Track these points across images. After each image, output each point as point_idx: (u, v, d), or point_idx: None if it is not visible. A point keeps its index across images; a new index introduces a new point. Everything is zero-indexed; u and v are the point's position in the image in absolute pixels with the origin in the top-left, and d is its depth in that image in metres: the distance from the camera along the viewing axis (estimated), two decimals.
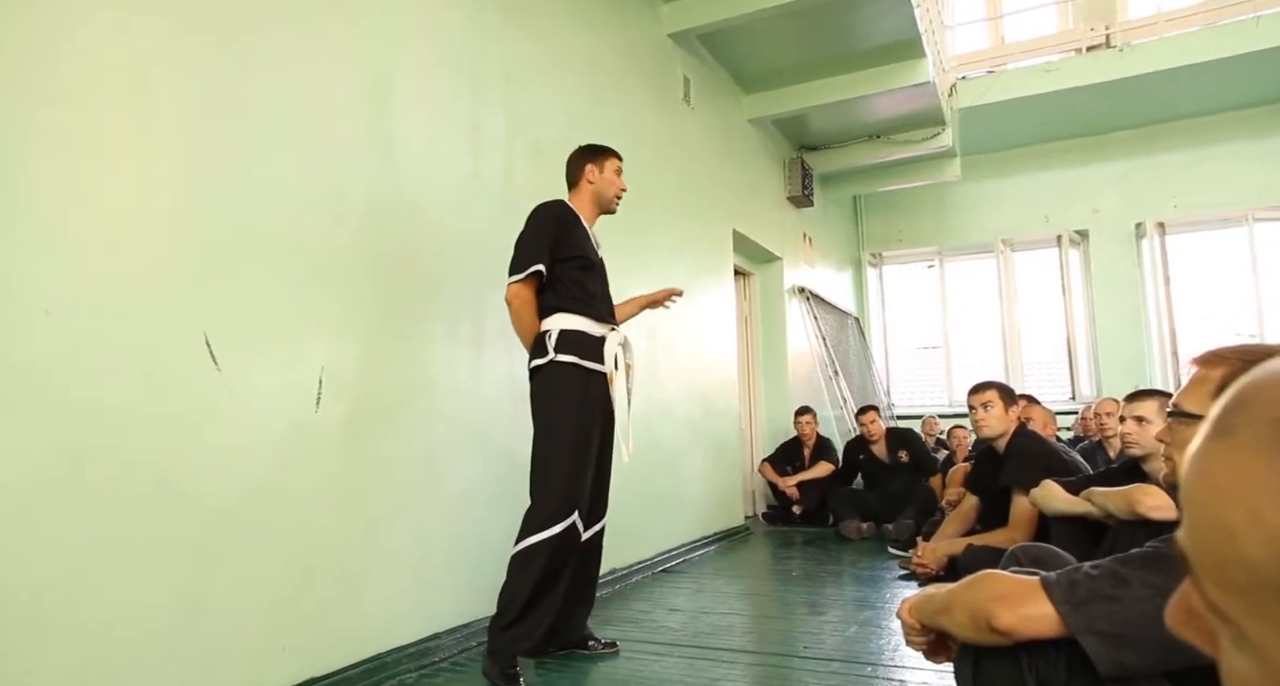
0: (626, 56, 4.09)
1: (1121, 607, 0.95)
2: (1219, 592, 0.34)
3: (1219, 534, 0.33)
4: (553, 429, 2.27)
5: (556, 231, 2.35)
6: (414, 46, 2.63)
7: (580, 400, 2.29)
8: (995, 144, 7.55)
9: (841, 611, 2.98)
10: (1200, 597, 0.36)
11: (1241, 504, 0.33)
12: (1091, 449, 4.06)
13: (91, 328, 1.64)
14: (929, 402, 8.16)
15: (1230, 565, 0.33)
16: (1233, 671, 0.35)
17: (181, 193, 1.85)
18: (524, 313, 2.33)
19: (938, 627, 1.17)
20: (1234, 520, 0.33)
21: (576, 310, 2.34)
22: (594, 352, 2.34)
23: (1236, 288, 7.02)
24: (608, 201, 2.53)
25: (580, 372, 2.30)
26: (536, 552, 2.18)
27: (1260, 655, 0.33)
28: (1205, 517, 0.35)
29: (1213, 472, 0.35)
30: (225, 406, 1.89)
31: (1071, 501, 2.45)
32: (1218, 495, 0.34)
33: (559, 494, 2.22)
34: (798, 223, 6.70)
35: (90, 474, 1.60)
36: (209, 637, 1.80)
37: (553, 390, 2.29)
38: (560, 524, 2.20)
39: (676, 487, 4.23)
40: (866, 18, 4.72)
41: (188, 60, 1.88)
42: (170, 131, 1.84)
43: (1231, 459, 0.34)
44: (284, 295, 2.08)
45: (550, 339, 2.30)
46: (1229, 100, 6.74)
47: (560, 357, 2.28)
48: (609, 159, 2.54)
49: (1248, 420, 0.34)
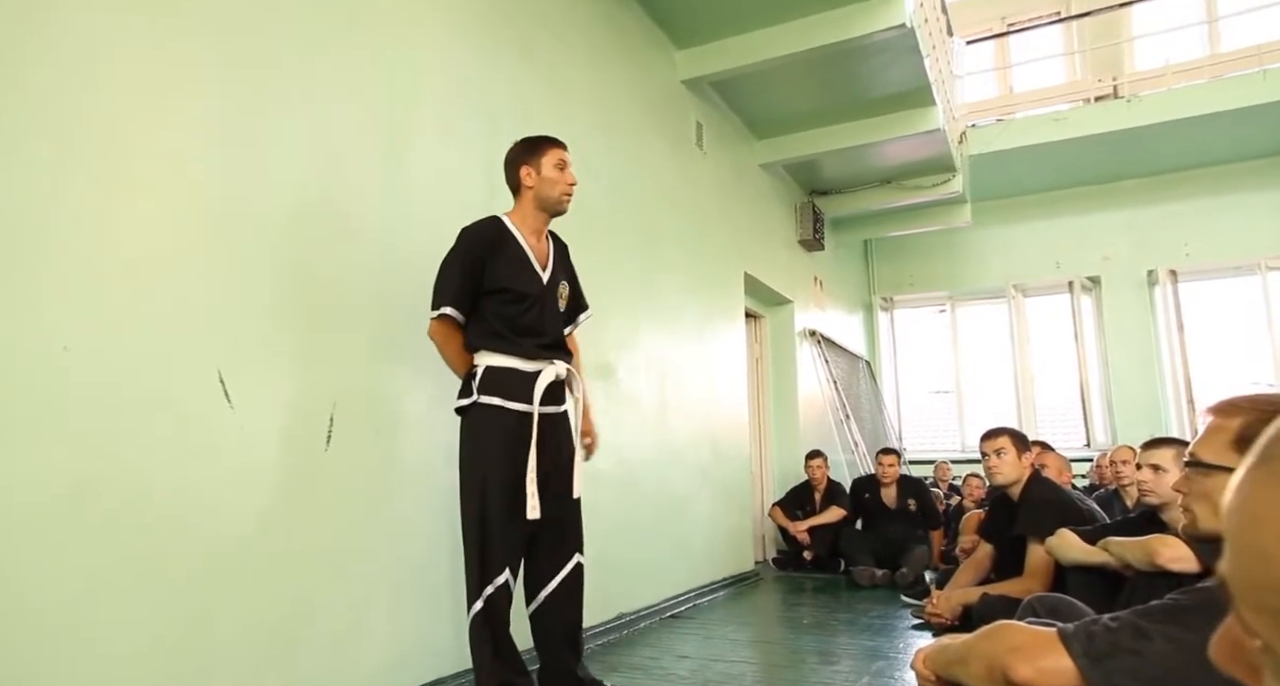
0: (641, 101, 4.18)
1: (1143, 662, 0.93)
2: (1254, 616, 0.35)
3: (1256, 558, 0.34)
4: (472, 481, 2.07)
5: (475, 260, 2.10)
6: (432, 84, 2.70)
7: (505, 447, 2.06)
8: (1005, 190, 7.61)
9: (854, 661, 2.91)
10: (1240, 626, 0.36)
11: (1276, 528, 0.33)
12: (1108, 497, 4.00)
13: (109, 364, 1.66)
14: (941, 447, 8.07)
15: (1264, 589, 0.34)
16: None
17: (201, 230, 1.89)
18: (447, 349, 2.13)
19: (953, 679, 1.14)
20: (1270, 544, 0.34)
21: (500, 348, 2.11)
22: (522, 392, 2.10)
23: (1251, 336, 6.97)
24: (553, 204, 2.21)
25: (507, 415, 2.08)
26: (479, 622, 2.02)
27: None
28: (1244, 543, 0.35)
29: (1253, 499, 0.35)
30: (236, 443, 1.89)
31: (1088, 551, 2.41)
32: (1256, 521, 0.35)
33: (487, 551, 2.03)
34: (809, 266, 6.74)
35: (99, 506, 1.60)
36: (211, 673, 1.78)
37: (473, 437, 2.09)
38: (490, 585, 2.01)
39: (686, 531, 4.18)
40: (877, 67, 4.82)
41: (208, 96, 1.94)
42: (192, 167, 1.88)
43: (1271, 486, 0.35)
44: (298, 332, 2.10)
45: (475, 378, 2.09)
46: (1238, 151, 6.79)
47: (484, 400, 2.07)
48: (545, 152, 2.20)
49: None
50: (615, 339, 3.67)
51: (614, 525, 3.48)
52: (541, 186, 2.19)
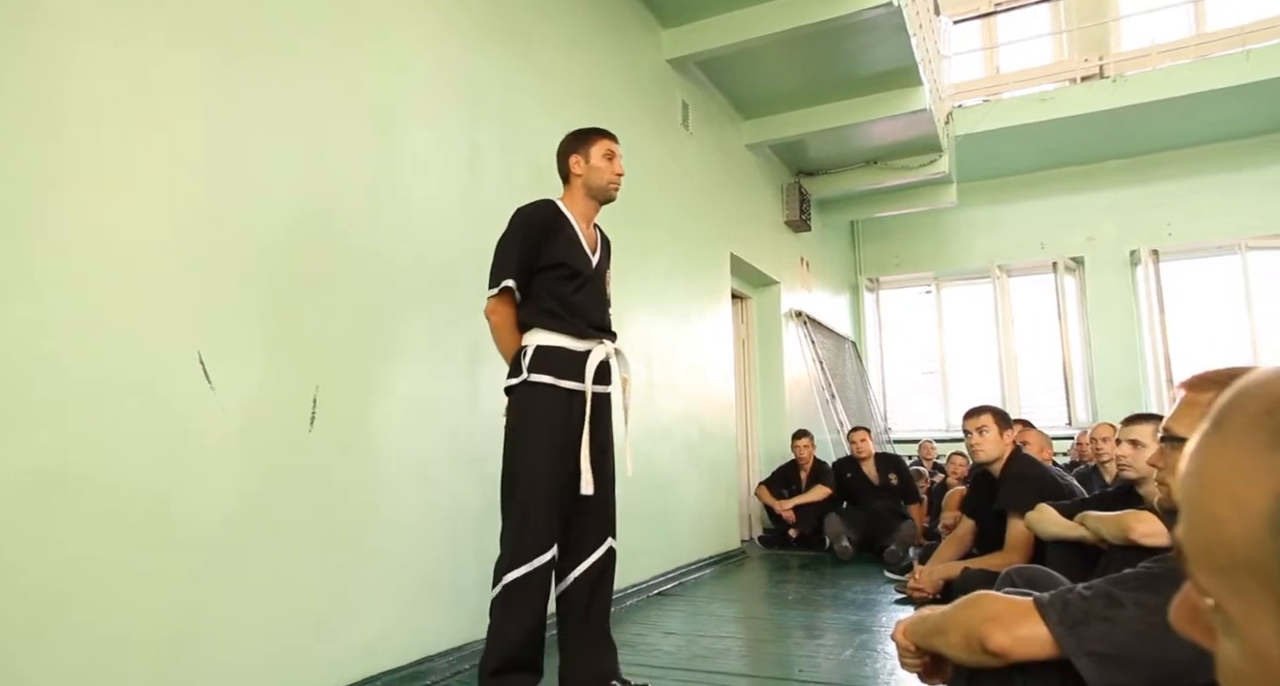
0: (626, 81, 4.15)
1: (1115, 628, 0.95)
2: (1206, 577, 0.36)
3: (1207, 520, 0.36)
4: (518, 457, 2.08)
5: (532, 238, 2.15)
6: (416, 68, 2.67)
7: (554, 425, 2.09)
8: (991, 171, 7.63)
9: (837, 635, 2.96)
10: (1195, 588, 0.37)
11: (1226, 491, 0.35)
12: (1088, 473, 4.06)
13: (87, 348, 1.65)
14: (926, 427, 8.15)
15: (1215, 549, 0.35)
16: (1222, 657, 0.37)
17: (181, 212, 1.87)
18: (501, 329, 2.17)
19: (932, 649, 1.16)
20: (1219, 507, 0.35)
21: (552, 326, 2.13)
22: (574, 370, 2.13)
23: (1230, 315, 7.06)
24: (601, 191, 2.27)
25: (557, 394, 2.10)
26: (509, 595, 2.00)
27: (1240, 635, 0.35)
28: (1196, 507, 0.37)
29: (1204, 464, 0.37)
30: (218, 425, 1.89)
31: (1066, 525, 2.45)
32: (1207, 484, 0.36)
33: (528, 528, 2.03)
34: (795, 247, 6.75)
35: (79, 489, 1.60)
36: (198, 659, 1.79)
37: (524, 413, 2.10)
38: (533, 562, 2.01)
39: (672, 510, 4.22)
40: (864, 46, 4.80)
41: (191, 81, 1.91)
42: (173, 151, 1.86)
43: (1220, 450, 0.36)
44: (281, 315, 2.09)
45: (525, 356, 2.11)
46: (1221, 131, 6.83)
47: (534, 377, 2.09)
48: (595, 143, 2.27)
49: (1237, 415, 0.36)
50: None
51: None
52: (589, 175, 2.25)
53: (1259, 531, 0.33)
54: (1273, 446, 0.34)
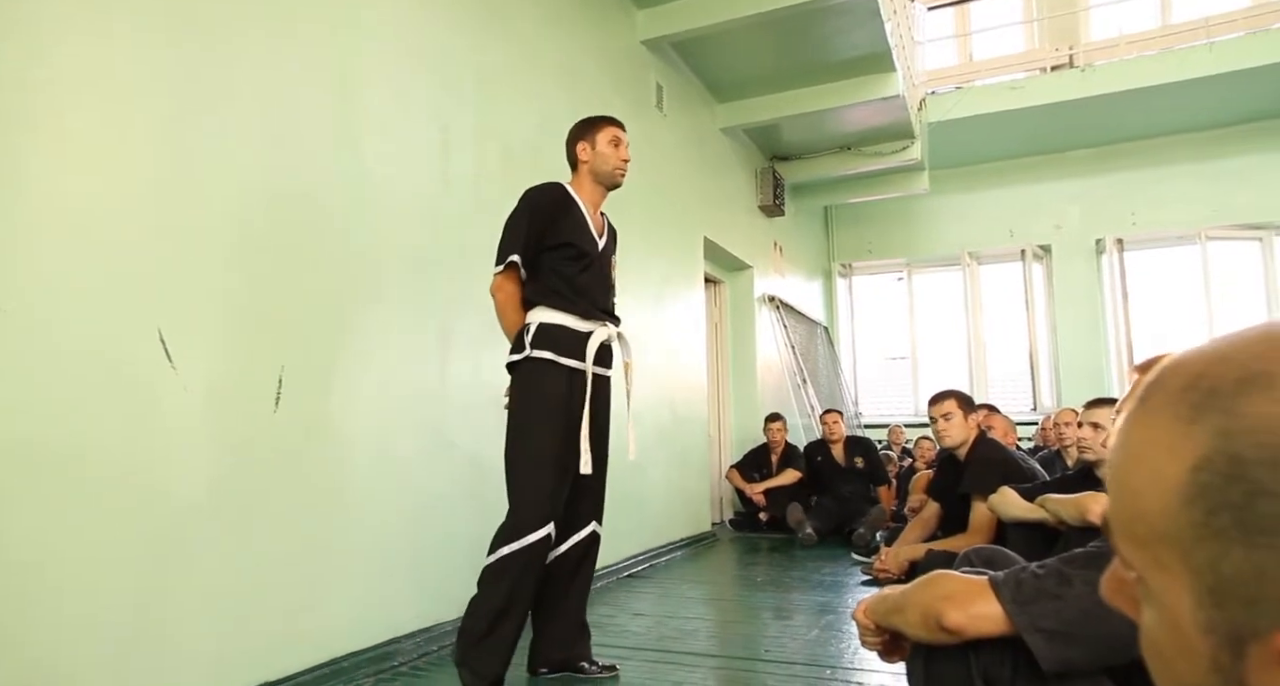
0: (600, 62, 4.11)
1: (1064, 605, 0.97)
2: (1129, 549, 0.37)
3: (1129, 494, 0.36)
4: (520, 431, 2.12)
5: (542, 216, 2.19)
6: (384, 44, 2.62)
7: (555, 401, 2.12)
8: (962, 158, 7.69)
9: (805, 616, 3.00)
10: (1120, 560, 0.38)
11: (1144, 463, 0.36)
12: (1050, 458, 4.14)
13: (45, 325, 1.61)
14: (896, 412, 8.26)
15: (1136, 521, 0.36)
16: (1144, 627, 0.38)
17: (142, 188, 1.82)
18: (506, 306, 2.19)
19: (891, 628, 1.18)
20: (1139, 479, 0.36)
21: (556, 304, 2.17)
22: (575, 349, 2.16)
23: (1190, 303, 7.22)
24: (608, 177, 2.31)
25: (558, 371, 2.13)
26: (504, 566, 2.03)
27: (1159, 604, 0.36)
28: (1120, 480, 0.37)
29: (1127, 438, 0.38)
30: (179, 404, 1.86)
31: (1027, 508, 2.50)
32: (1130, 459, 0.37)
33: (527, 503, 2.07)
34: (769, 232, 6.76)
35: (38, 468, 1.57)
36: (162, 639, 1.77)
37: (526, 389, 2.13)
38: (529, 536, 2.04)
39: (643, 493, 4.23)
40: (838, 30, 4.80)
41: (152, 52, 1.86)
42: (132, 125, 1.81)
43: (1142, 425, 0.37)
44: (244, 294, 2.05)
45: (528, 333, 2.14)
46: (1185, 122, 6.95)
47: (536, 354, 2.12)
48: (601, 130, 2.31)
49: (1159, 391, 0.37)
50: None
51: None
52: (596, 161, 2.29)
53: (1174, 503, 0.34)
54: (1190, 420, 0.34)
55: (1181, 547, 0.34)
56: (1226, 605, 0.33)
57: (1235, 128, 6.98)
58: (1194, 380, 0.35)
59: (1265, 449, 0.32)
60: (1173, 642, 0.36)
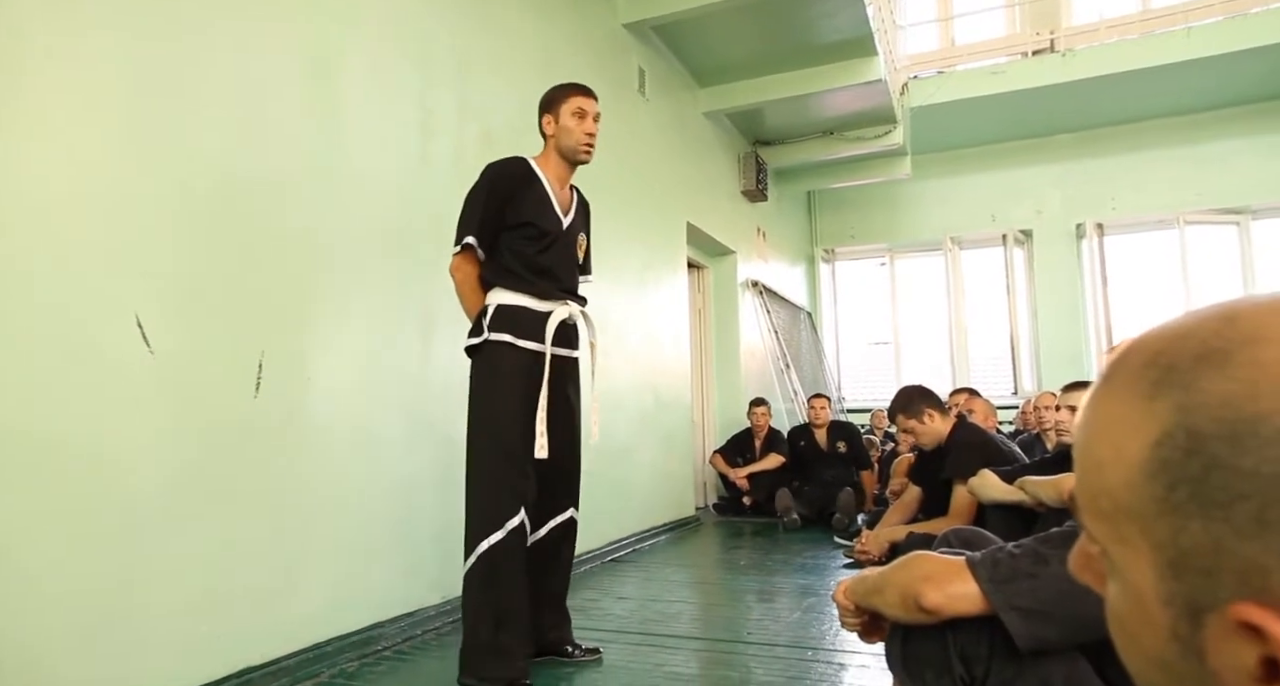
0: (581, 45, 4.07)
1: (1040, 584, 0.98)
2: (1093, 523, 0.38)
3: (1093, 468, 0.37)
4: (482, 418, 2.06)
5: (498, 194, 2.11)
6: (362, 25, 2.58)
7: (516, 385, 2.05)
8: (944, 143, 7.71)
9: (787, 599, 3.03)
10: (1086, 535, 0.39)
11: (1107, 439, 0.37)
12: (1031, 441, 4.18)
13: (17, 310, 1.58)
14: (878, 397, 8.31)
15: (1100, 495, 0.37)
16: (1109, 600, 0.39)
17: (112, 167, 1.79)
18: (464, 286, 2.14)
19: (870, 608, 1.19)
20: (1101, 455, 0.37)
21: (514, 286, 2.10)
22: (535, 331, 2.10)
23: (1168, 288, 7.30)
24: (572, 152, 2.21)
25: (518, 354, 2.07)
26: (487, 564, 1.97)
27: (1122, 578, 0.37)
28: (1084, 455, 0.38)
29: (1091, 414, 0.38)
30: (156, 390, 1.83)
31: (1006, 490, 2.53)
32: (1094, 434, 0.38)
33: (496, 494, 2.01)
34: (752, 217, 6.76)
35: (10, 453, 1.54)
36: (139, 623, 1.75)
37: (486, 374, 2.07)
38: (503, 528, 1.98)
39: (627, 478, 4.24)
40: (820, 13, 4.78)
41: (122, 28, 1.82)
42: (100, 102, 1.77)
43: (1105, 401, 0.38)
44: (223, 277, 2.02)
45: (486, 315, 2.08)
46: (1164, 107, 6.99)
47: (494, 337, 2.06)
48: (566, 100, 2.20)
49: (1122, 368, 0.38)
50: None
51: None
52: (560, 135, 2.20)
53: (1136, 477, 0.35)
54: (1151, 396, 0.35)
55: (1143, 522, 0.35)
56: (1185, 577, 0.33)
57: (1213, 113, 7.03)
58: (1154, 357, 0.36)
59: (1222, 424, 0.33)
60: (1135, 614, 0.36)
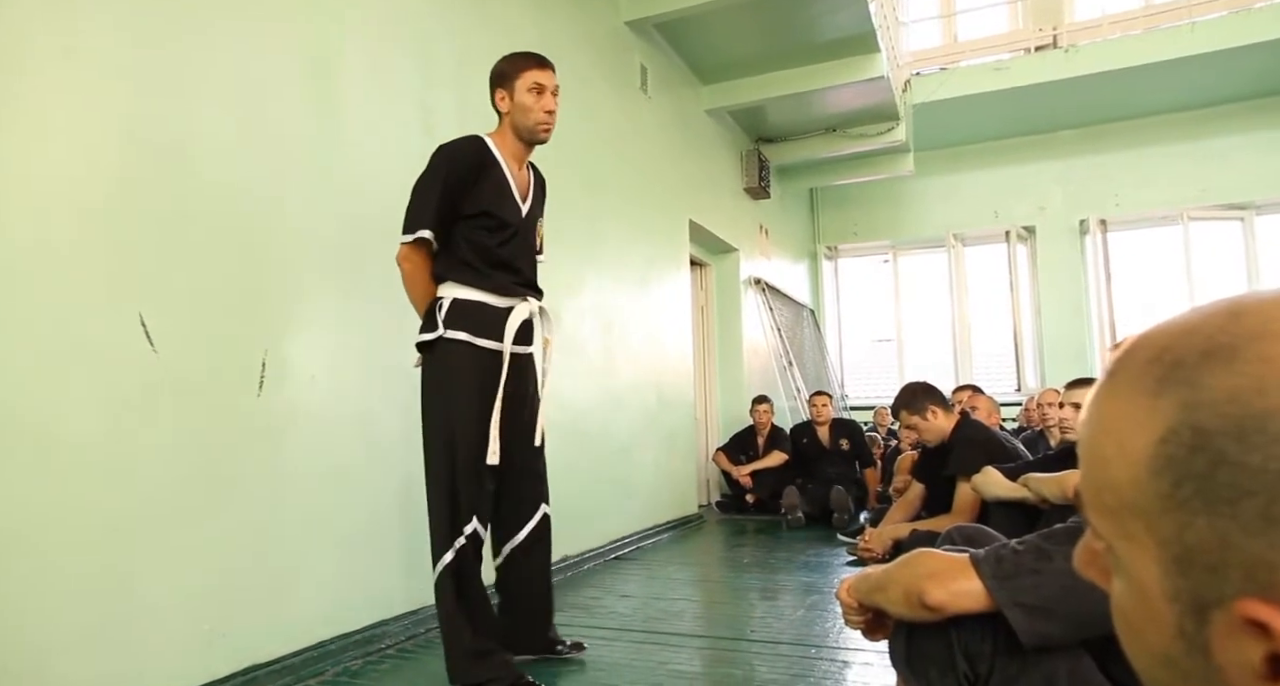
0: (583, 43, 4.07)
1: (1044, 580, 0.98)
2: (1098, 519, 0.38)
3: (1098, 463, 0.37)
4: (437, 421, 1.94)
5: (454, 181, 1.93)
6: (363, 23, 2.58)
7: (473, 386, 1.93)
8: (947, 140, 7.69)
9: (791, 596, 3.03)
10: (1091, 531, 0.39)
11: (1111, 436, 0.37)
12: (1034, 438, 4.18)
13: (18, 308, 1.58)
14: (881, 394, 8.30)
15: (1105, 491, 0.37)
16: (1115, 597, 0.39)
17: (115, 167, 1.79)
18: (415, 278, 1.97)
19: (874, 606, 1.19)
20: (1106, 451, 0.37)
21: (471, 281, 1.96)
22: (494, 329, 1.97)
23: (1172, 284, 7.28)
24: (529, 131, 2.02)
25: (476, 353, 1.94)
26: (453, 573, 1.91)
27: (1128, 574, 0.37)
28: (1090, 451, 0.38)
29: (1096, 410, 0.38)
30: (160, 388, 1.83)
31: (1010, 487, 2.53)
32: (1100, 429, 0.38)
33: (452, 502, 1.91)
34: (754, 214, 6.75)
35: (10, 453, 1.55)
36: (143, 621, 1.76)
37: (438, 375, 1.95)
38: (460, 535, 1.91)
39: (630, 476, 4.25)
40: (823, 11, 4.77)
41: (123, 26, 1.82)
42: (101, 102, 1.77)
43: (1110, 397, 0.38)
44: (225, 274, 2.02)
45: (440, 310, 1.94)
46: (1167, 103, 6.97)
47: (450, 334, 1.92)
48: (520, 74, 2.01)
49: (1128, 364, 0.38)
50: (559, 285, 3.64)
51: (558, 469, 3.49)
52: (516, 113, 2.02)
53: (1141, 473, 0.35)
54: (1156, 393, 0.35)
55: (1148, 518, 0.35)
56: (1191, 573, 0.33)
57: (1217, 108, 7.01)
58: (1159, 353, 0.36)
59: (1228, 419, 0.32)
60: (1140, 611, 0.36)
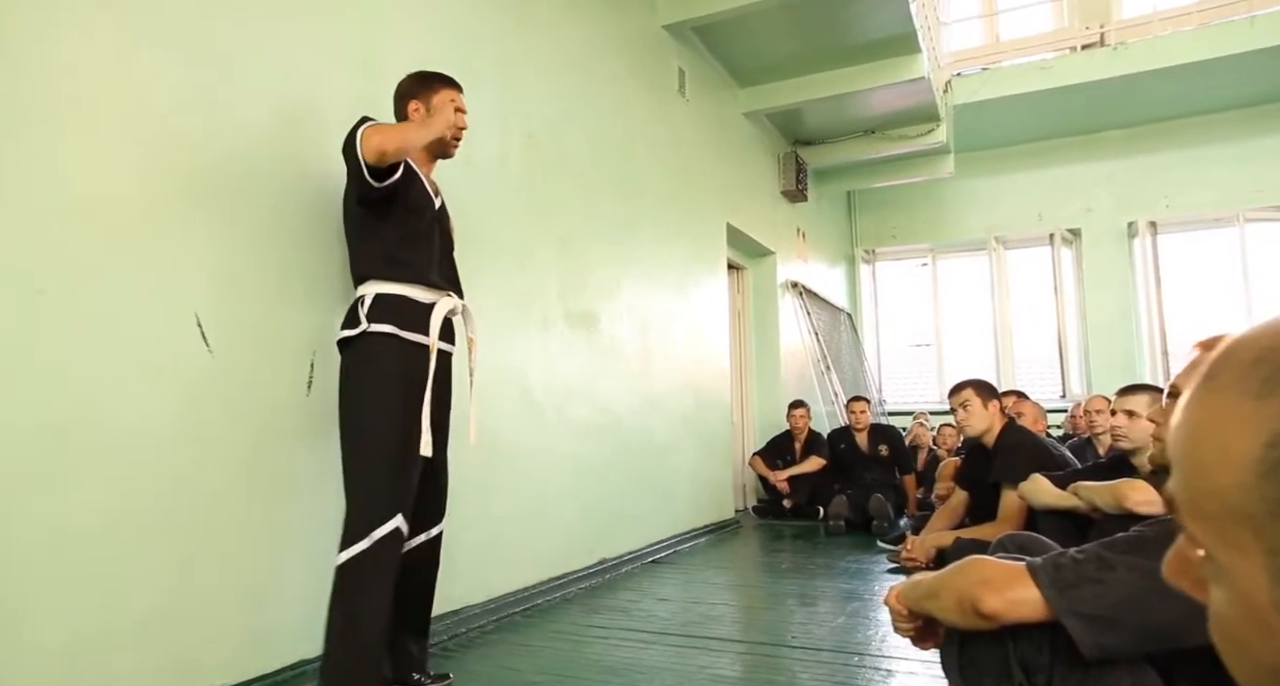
0: (621, 47, 4.08)
1: (1105, 590, 0.95)
2: (1196, 526, 0.36)
3: (1197, 469, 0.36)
4: (360, 416, 1.88)
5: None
6: (407, 29, 2.61)
7: (397, 381, 1.89)
8: (989, 141, 7.56)
9: (830, 603, 2.99)
10: (1186, 539, 0.38)
11: (1214, 439, 0.35)
12: (1081, 446, 4.08)
13: (83, 308, 1.63)
14: (920, 399, 8.18)
15: (1205, 497, 0.35)
16: (1213, 607, 0.37)
17: (174, 169, 1.83)
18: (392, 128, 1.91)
19: (925, 613, 1.17)
20: (1207, 455, 0.35)
21: (394, 275, 1.93)
22: (419, 323, 1.94)
23: (1227, 288, 7.06)
24: (440, 146, 2.07)
25: (401, 347, 1.90)
26: (354, 569, 1.78)
27: (1229, 583, 0.35)
28: (1188, 457, 0.37)
29: (1195, 414, 0.37)
30: (215, 388, 1.88)
31: (1059, 495, 2.46)
32: (1198, 434, 0.36)
33: (372, 495, 1.83)
34: (791, 217, 6.70)
35: (68, 451, 1.59)
36: (198, 614, 1.80)
37: (364, 369, 1.89)
38: (379, 530, 1.80)
39: (667, 479, 4.24)
40: (862, 12, 4.72)
41: (176, 39, 1.86)
42: (159, 102, 1.82)
43: (1209, 400, 0.36)
44: (277, 274, 2.06)
45: (363, 306, 1.90)
46: (1221, 100, 6.77)
47: (375, 328, 1.88)
48: (438, 92, 2.06)
49: (1229, 365, 0.36)
50: (597, 288, 3.65)
51: (596, 472, 3.52)
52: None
53: (1247, 478, 0.33)
54: (1260, 395, 0.34)
55: (1255, 525, 0.33)
56: None
57: (1274, 104, 6.78)
58: (1264, 354, 0.35)
59: None
60: (1246, 622, 0.35)
